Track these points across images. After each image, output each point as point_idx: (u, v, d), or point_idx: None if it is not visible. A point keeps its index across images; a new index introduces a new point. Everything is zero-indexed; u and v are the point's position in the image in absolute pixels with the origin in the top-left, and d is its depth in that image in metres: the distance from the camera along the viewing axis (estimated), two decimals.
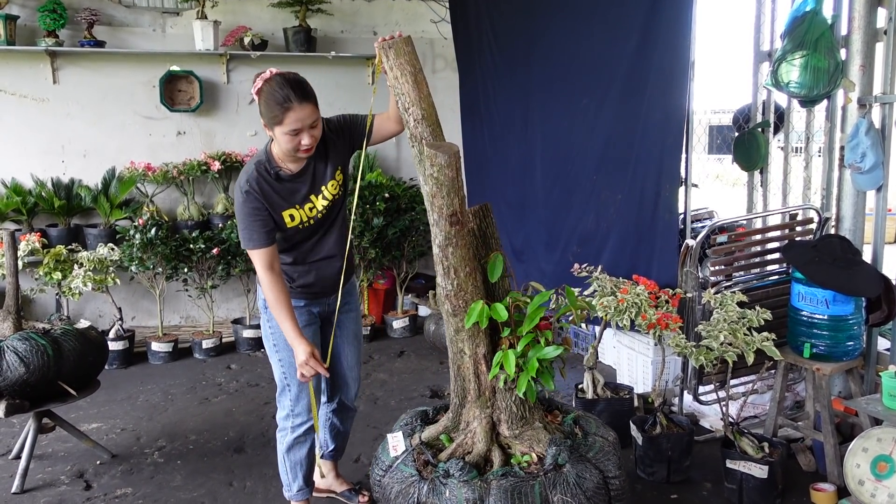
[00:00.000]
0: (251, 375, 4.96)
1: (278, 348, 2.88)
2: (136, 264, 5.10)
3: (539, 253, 4.77)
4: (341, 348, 3.07)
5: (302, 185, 2.73)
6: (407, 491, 2.39)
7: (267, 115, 2.56)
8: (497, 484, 2.28)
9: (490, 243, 2.57)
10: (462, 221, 2.34)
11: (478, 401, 2.56)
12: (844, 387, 3.66)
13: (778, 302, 3.67)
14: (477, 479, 2.31)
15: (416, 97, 2.37)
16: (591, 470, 2.38)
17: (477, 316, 2.40)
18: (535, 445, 2.49)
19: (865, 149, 3.40)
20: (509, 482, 2.28)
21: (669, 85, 3.72)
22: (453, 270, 2.39)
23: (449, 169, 2.27)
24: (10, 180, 5.23)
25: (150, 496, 3.41)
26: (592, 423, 2.66)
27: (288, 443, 2.96)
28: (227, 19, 5.58)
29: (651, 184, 3.88)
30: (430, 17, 5.99)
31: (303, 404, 2.91)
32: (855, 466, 3.04)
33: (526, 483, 2.28)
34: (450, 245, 2.35)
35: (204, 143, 5.66)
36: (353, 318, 3.08)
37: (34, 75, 5.25)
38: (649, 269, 3.88)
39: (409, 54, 2.36)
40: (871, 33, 3.47)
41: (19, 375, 3.30)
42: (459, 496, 2.27)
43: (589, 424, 2.64)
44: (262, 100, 2.56)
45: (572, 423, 2.63)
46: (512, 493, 2.25)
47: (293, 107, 2.51)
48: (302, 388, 2.89)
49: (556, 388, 2.53)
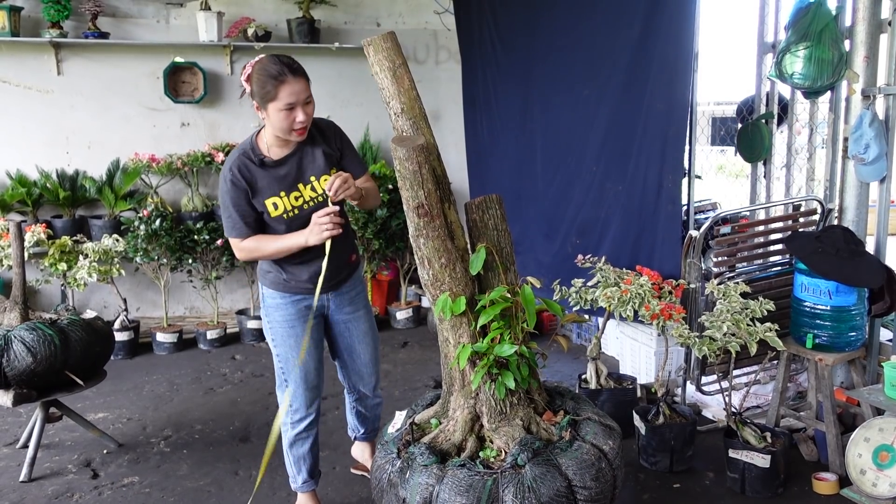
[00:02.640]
0: (255, 366, 4.98)
1: (276, 343, 2.88)
2: (141, 255, 5.12)
3: (538, 244, 4.78)
4: (354, 347, 3.04)
5: (287, 171, 2.68)
6: (384, 467, 2.50)
7: (259, 94, 2.52)
8: (451, 473, 2.33)
9: (492, 235, 2.57)
10: (431, 214, 2.40)
11: (462, 391, 2.60)
12: (847, 377, 3.68)
13: (781, 293, 3.68)
14: (434, 465, 2.36)
15: (395, 91, 2.47)
16: (554, 476, 2.30)
17: (440, 308, 2.46)
18: (510, 442, 2.48)
19: (869, 140, 3.41)
20: (463, 474, 2.32)
21: (672, 75, 3.72)
22: (427, 261, 2.47)
23: (409, 162, 2.33)
24: (15, 171, 5.24)
25: (157, 485, 3.44)
26: (592, 429, 2.54)
27: (290, 439, 2.95)
28: (231, 10, 5.58)
29: (653, 174, 3.88)
30: (433, 8, 5.97)
31: (300, 399, 2.89)
32: (857, 456, 3.06)
33: (479, 478, 2.30)
34: (420, 236, 2.43)
35: (208, 135, 5.67)
36: (361, 316, 3.02)
37: (38, 66, 5.25)
38: (651, 259, 3.89)
39: (388, 50, 2.45)
40: (876, 24, 3.47)
41: (27, 365, 3.32)
42: (417, 480, 2.34)
43: (587, 430, 2.53)
44: (254, 79, 2.53)
45: (566, 426, 2.54)
46: (462, 485, 2.29)
47: (287, 79, 2.49)
48: (299, 383, 2.86)
49: (559, 380, 2.55)
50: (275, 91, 2.49)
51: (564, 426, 2.54)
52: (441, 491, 2.30)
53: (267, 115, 2.56)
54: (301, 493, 3.08)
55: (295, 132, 2.59)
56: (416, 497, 2.32)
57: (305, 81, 2.56)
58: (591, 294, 3.63)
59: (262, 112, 2.57)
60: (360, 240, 5.59)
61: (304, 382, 2.87)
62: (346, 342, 3.01)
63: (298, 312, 2.84)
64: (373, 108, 5.83)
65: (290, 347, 2.86)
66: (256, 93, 2.53)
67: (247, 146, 2.68)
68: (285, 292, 2.82)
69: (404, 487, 2.37)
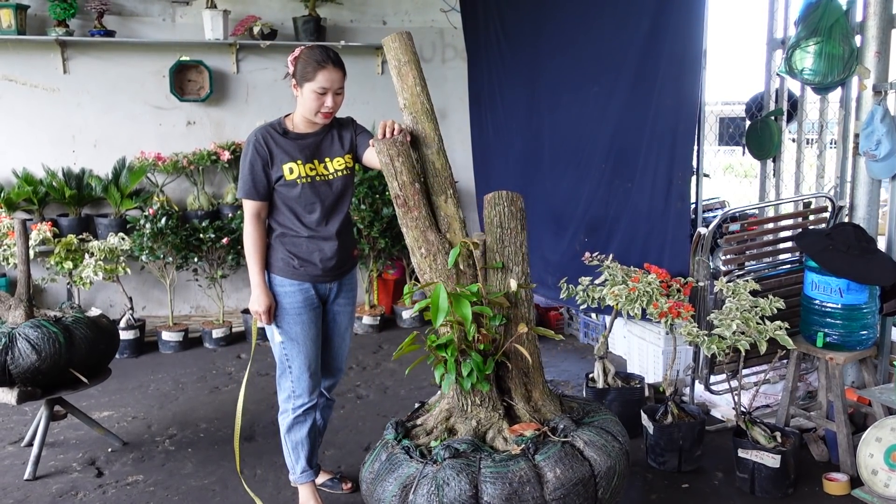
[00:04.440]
0: (261, 365, 4.97)
1: (282, 330, 2.95)
2: (147, 254, 5.11)
3: (545, 242, 4.75)
4: (332, 339, 3.12)
5: (307, 144, 2.90)
6: (382, 434, 2.70)
7: (300, 73, 2.78)
8: (390, 452, 2.53)
9: (496, 232, 2.56)
10: (407, 205, 2.56)
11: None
12: (857, 376, 3.64)
13: (791, 291, 3.64)
14: (390, 443, 2.57)
15: (400, 87, 2.65)
16: (461, 483, 2.29)
17: (405, 295, 2.67)
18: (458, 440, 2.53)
19: (880, 136, 3.37)
20: (394, 454, 2.51)
21: (681, 71, 3.69)
22: (410, 250, 2.64)
23: (382, 155, 2.55)
24: (21, 170, 5.24)
25: (162, 483, 3.42)
26: (554, 456, 2.37)
27: (288, 423, 3.03)
28: (237, 9, 5.57)
29: (663, 171, 3.85)
30: (440, 6, 5.96)
31: (304, 385, 2.98)
32: (868, 456, 3.02)
33: (400, 461, 2.47)
34: (403, 226, 2.62)
35: (214, 133, 5.66)
36: (349, 312, 3.14)
37: (44, 65, 5.25)
38: (661, 257, 3.86)
39: (395, 49, 2.62)
40: (887, 19, 3.43)
41: (31, 363, 3.31)
42: (379, 449, 2.60)
43: (547, 455, 2.38)
44: (300, 60, 2.79)
45: (524, 441, 2.44)
46: (387, 462, 2.50)
47: (328, 67, 2.76)
48: (302, 370, 2.96)
49: (566, 379, 2.52)
50: (314, 73, 2.75)
51: (522, 441, 2.45)
52: (382, 469, 2.50)
53: (301, 94, 2.81)
54: (301, 486, 3.12)
55: (321, 114, 2.83)
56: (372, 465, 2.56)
57: (342, 74, 2.82)
58: (599, 292, 3.60)
59: (297, 90, 2.82)
60: (366, 238, 5.57)
61: (307, 369, 2.97)
62: (327, 333, 3.10)
63: (306, 301, 2.94)
64: (379, 107, 5.81)
65: (296, 334, 2.94)
66: (298, 71, 2.79)
67: (274, 122, 2.93)
68: (294, 279, 2.92)
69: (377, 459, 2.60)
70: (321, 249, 2.92)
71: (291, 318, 2.93)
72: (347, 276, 3.07)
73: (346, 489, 3.28)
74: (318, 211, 2.90)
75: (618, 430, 2.61)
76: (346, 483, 3.30)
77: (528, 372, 2.63)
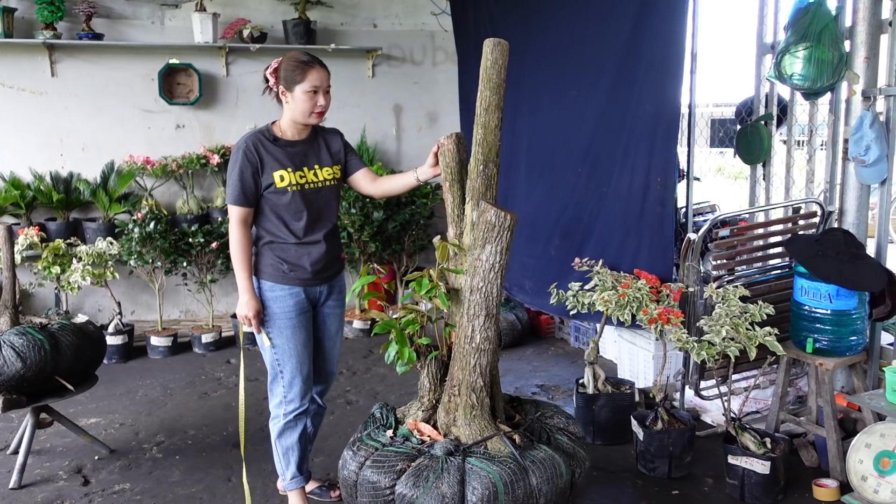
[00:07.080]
0: (251, 370, 4.93)
1: (273, 335, 2.94)
2: (136, 258, 5.08)
3: (520, 245, 4.73)
4: (323, 343, 3.13)
5: (297, 152, 2.92)
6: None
7: (287, 78, 2.82)
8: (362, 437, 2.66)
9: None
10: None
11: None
12: (847, 382, 3.64)
13: (780, 296, 3.63)
14: (368, 431, 2.69)
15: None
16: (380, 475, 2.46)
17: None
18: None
19: (870, 142, 3.37)
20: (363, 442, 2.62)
21: (662, 76, 3.66)
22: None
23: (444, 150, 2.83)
24: (8, 174, 5.20)
25: (149, 491, 3.39)
26: (487, 468, 2.39)
27: (279, 428, 3.02)
28: (226, 12, 5.54)
29: (640, 176, 3.82)
30: (430, 10, 5.94)
31: (296, 390, 2.97)
32: (858, 462, 3.01)
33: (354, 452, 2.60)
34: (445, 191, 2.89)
35: (203, 137, 5.63)
36: (339, 315, 3.16)
37: (32, 68, 5.21)
38: (636, 263, 3.81)
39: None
40: (876, 25, 3.43)
41: (16, 370, 3.28)
42: (362, 434, 2.70)
43: (476, 465, 2.41)
44: (283, 67, 2.83)
45: (450, 446, 2.50)
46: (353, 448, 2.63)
47: (315, 66, 2.83)
48: (294, 374, 2.96)
49: (556, 384, 2.52)
50: (303, 74, 2.80)
51: (444, 445, 2.52)
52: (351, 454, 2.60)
53: (292, 98, 2.84)
54: (291, 493, 3.11)
55: (314, 114, 2.87)
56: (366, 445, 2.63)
57: (328, 73, 2.90)
58: (589, 297, 3.59)
59: (286, 96, 2.85)
60: (356, 242, 5.55)
61: (299, 374, 2.97)
62: (318, 336, 3.10)
63: (297, 305, 2.94)
64: (369, 110, 5.78)
65: (286, 339, 2.94)
66: (284, 78, 2.82)
67: (263, 128, 2.94)
68: (285, 284, 2.92)
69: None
70: (310, 253, 2.94)
71: (282, 322, 2.93)
72: (336, 278, 3.09)
73: (335, 496, 3.26)
74: (305, 218, 2.90)
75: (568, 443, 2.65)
76: (334, 491, 3.28)
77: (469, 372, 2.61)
